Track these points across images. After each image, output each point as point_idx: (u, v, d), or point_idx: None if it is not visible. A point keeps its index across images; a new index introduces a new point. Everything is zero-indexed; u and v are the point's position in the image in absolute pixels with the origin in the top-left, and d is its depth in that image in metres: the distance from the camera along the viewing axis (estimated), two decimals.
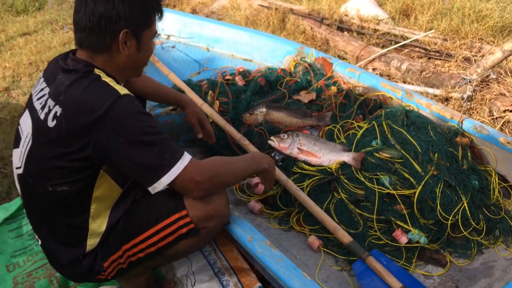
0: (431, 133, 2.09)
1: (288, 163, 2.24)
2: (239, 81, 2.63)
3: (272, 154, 2.31)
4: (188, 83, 2.68)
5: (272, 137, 2.27)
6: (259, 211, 2.17)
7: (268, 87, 2.58)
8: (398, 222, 1.93)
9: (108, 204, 1.49)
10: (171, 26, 3.21)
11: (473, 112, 2.65)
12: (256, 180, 2.15)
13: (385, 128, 2.18)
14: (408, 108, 2.25)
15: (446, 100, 2.78)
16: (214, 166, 1.45)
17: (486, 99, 2.61)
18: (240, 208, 2.22)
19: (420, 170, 1.97)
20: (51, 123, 1.31)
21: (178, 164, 1.34)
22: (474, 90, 2.67)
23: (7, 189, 2.45)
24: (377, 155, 2.07)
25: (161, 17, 1.49)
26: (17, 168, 1.45)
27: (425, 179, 1.93)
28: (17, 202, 2.15)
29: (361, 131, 2.26)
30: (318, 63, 2.75)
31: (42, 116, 1.35)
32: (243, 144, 2.23)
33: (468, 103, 2.66)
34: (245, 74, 2.69)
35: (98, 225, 1.48)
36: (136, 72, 1.53)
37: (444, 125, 2.19)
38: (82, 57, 1.41)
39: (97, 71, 1.37)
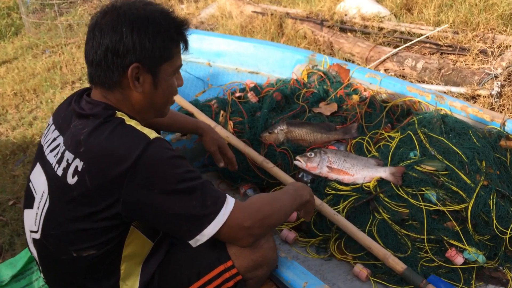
0: (474, 138, 1.96)
1: (319, 184, 2.10)
2: (252, 97, 2.48)
3: (300, 176, 2.17)
4: (195, 103, 2.53)
5: (298, 157, 2.13)
6: (294, 240, 2.03)
7: (285, 101, 2.43)
8: (452, 241, 1.79)
9: (138, 260, 1.33)
10: None
11: (502, 109, 2.54)
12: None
13: (422, 137, 2.05)
14: (442, 113, 2.12)
15: (472, 98, 2.68)
16: (261, 206, 1.30)
17: None
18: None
19: (469, 181, 1.83)
20: (71, 180, 1.15)
21: (222, 211, 1.19)
22: (502, 85, 2.57)
23: (10, 239, 2.26)
24: (418, 168, 1.94)
25: (186, 48, 1.33)
26: (32, 231, 1.28)
27: (476, 191, 1.80)
28: (24, 256, 1.97)
29: (394, 142, 2.13)
30: (333, 71, 2.61)
31: (59, 172, 1.18)
32: (266, 168, 2.09)
33: (497, 99, 2.55)
34: (257, 89, 2.54)
35: (130, 286, 1.31)
36: (158, 113, 1.36)
37: (484, 128, 2.07)
38: (97, 98, 1.25)
39: (119, 114, 1.21)
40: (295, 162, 2.13)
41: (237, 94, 2.53)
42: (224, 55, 3.02)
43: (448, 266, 1.80)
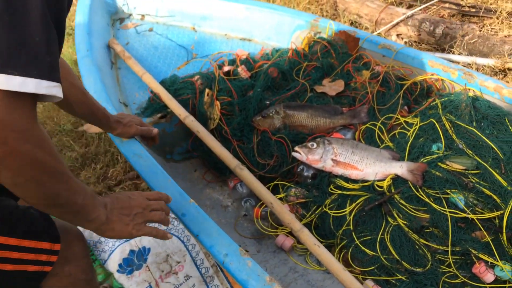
0: (511, 128, 1.67)
1: (322, 180, 1.83)
2: (243, 73, 2.17)
3: (299, 170, 1.89)
4: (174, 80, 2.22)
5: (297, 148, 1.85)
6: (291, 247, 1.78)
7: (282, 78, 2.12)
8: (481, 255, 1.54)
9: None
10: (145, 2, 2.70)
11: None
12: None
13: (447, 125, 1.76)
14: (471, 95, 1.82)
15: (502, 72, 2.37)
16: (52, 156, 0.87)
17: None
18: (265, 245, 1.82)
19: (505, 183, 1.56)
20: None
21: (22, 80, 0.77)
22: None
23: None
24: (443, 166, 1.66)
25: None
26: None
27: None
28: None
29: (412, 130, 1.84)
30: (340, 40, 2.29)
31: None
32: (239, 175, 1.74)
33: None
34: (249, 63, 2.22)
35: None
36: None
37: None
38: None
39: None
40: (294, 154, 1.85)
41: (226, 69, 2.21)
42: (212, 19, 2.68)
43: (474, 285, 1.55)
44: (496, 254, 1.53)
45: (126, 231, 1.11)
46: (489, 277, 1.54)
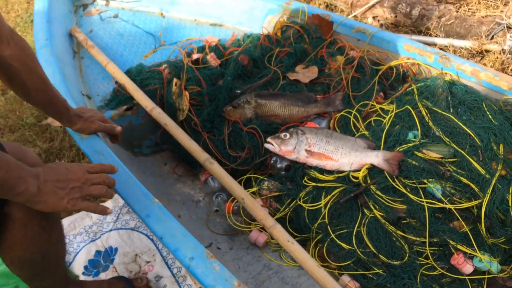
0: (489, 115, 1.62)
1: (296, 172, 1.77)
2: (212, 60, 2.07)
3: (272, 162, 1.82)
4: (141, 69, 2.11)
5: (269, 139, 1.77)
6: (265, 243, 1.71)
7: (253, 65, 2.03)
8: (459, 246, 1.50)
9: None
10: None
11: None
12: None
13: (424, 112, 1.70)
14: (448, 79, 1.77)
15: (480, 54, 2.32)
16: None
17: None
18: (238, 241, 1.75)
19: (483, 171, 1.52)
20: None
21: None
22: None
23: None
24: (420, 154, 1.61)
25: None
26: None
27: (493, 183, 1.49)
28: None
29: (388, 117, 1.78)
30: (313, 24, 2.20)
31: None
32: (209, 169, 1.66)
33: (510, 56, 2.20)
34: (219, 50, 2.12)
35: None
36: None
37: (500, 99, 1.73)
38: None
39: None
40: (266, 145, 1.78)
41: (195, 56, 2.11)
42: (181, 3, 2.58)
43: (453, 276, 1.52)
44: (474, 245, 1.50)
45: (61, 205, 1.05)
46: (467, 268, 1.50)
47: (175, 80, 2.03)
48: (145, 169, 2.06)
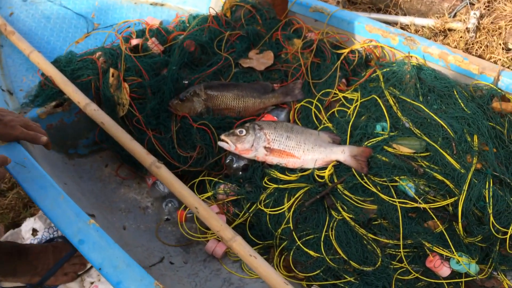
0: (461, 102, 1.51)
1: (254, 172, 1.60)
2: (154, 46, 1.84)
3: (227, 161, 1.64)
4: (71, 58, 1.85)
5: (222, 136, 1.59)
6: (224, 254, 1.54)
7: (201, 52, 1.82)
8: (435, 248, 1.39)
9: None
10: None
11: (478, 48, 2.10)
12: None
13: (391, 101, 1.57)
14: (414, 63, 1.63)
15: (443, 33, 2.21)
16: None
17: (497, 28, 2.07)
18: (194, 252, 1.58)
19: (458, 166, 1.41)
20: None
21: None
22: (480, 16, 2.11)
23: None
24: (390, 149, 1.48)
25: None
26: None
27: (469, 179, 1.38)
28: None
29: (352, 107, 1.64)
30: (266, 2, 2.00)
31: None
32: (156, 174, 1.47)
33: (473, 35, 2.10)
34: (161, 34, 1.89)
35: None
36: None
37: (470, 84, 1.62)
38: None
39: None
40: (220, 144, 1.60)
41: (134, 42, 1.87)
42: None
43: (428, 280, 1.41)
44: (451, 245, 1.39)
45: None
46: (444, 270, 1.40)
47: (112, 70, 1.79)
48: (83, 173, 1.81)
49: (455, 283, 1.43)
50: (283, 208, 1.51)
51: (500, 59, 1.97)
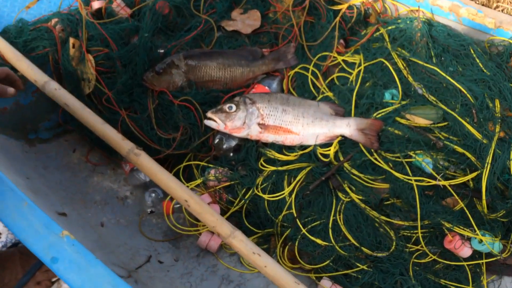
0: (479, 63, 1.34)
1: (248, 152, 1.42)
2: (121, 10, 1.58)
3: (216, 141, 1.44)
4: (22, 27, 1.58)
5: (209, 113, 1.39)
6: (219, 247, 1.37)
7: (176, 14, 1.57)
8: (455, 229, 1.26)
9: None
10: None
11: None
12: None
13: (400, 64, 1.39)
14: (423, 18, 1.44)
15: None
16: None
17: None
18: (185, 247, 1.40)
19: (480, 136, 1.26)
20: None
21: None
22: None
23: None
24: (402, 121, 1.31)
25: None
26: None
27: (492, 150, 1.23)
28: None
29: (355, 73, 1.45)
30: None
31: None
32: (135, 163, 1.25)
33: None
34: None
35: None
36: None
37: (485, 41, 1.44)
38: None
39: None
40: (207, 123, 1.40)
41: (96, 5, 1.60)
42: None
43: (447, 263, 1.29)
44: (474, 225, 1.26)
45: None
46: (465, 251, 1.28)
47: (72, 40, 1.54)
48: (48, 162, 1.58)
49: (475, 264, 1.31)
50: (283, 193, 1.34)
51: (507, 8, 1.80)
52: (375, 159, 1.31)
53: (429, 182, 1.26)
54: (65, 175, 1.57)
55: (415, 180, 1.27)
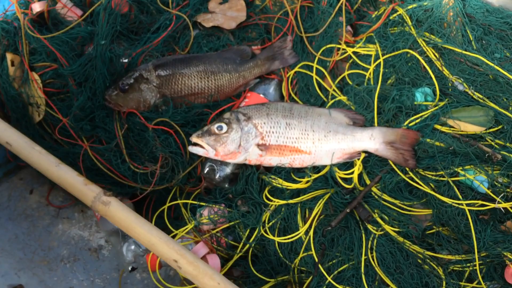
0: None
1: (248, 182, 1.14)
2: (68, 12, 1.25)
3: (206, 170, 1.15)
4: None
5: (194, 137, 1.10)
6: None
7: (138, 11, 1.26)
8: None
9: None
10: None
11: None
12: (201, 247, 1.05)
13: (431, 54, 1.10)
14: None
15: None
16: None
17: None
18: None
19: None
20: None
21: None
22: None
23: None
24: (444, 129, 1.03)
25: None
26: None
27: None
28: None
29: (372, 67, 1.16)
30: None
31: None
32: (106, 215, 1.01)
33: None
34: None
35: None
36: None
37: None
38: None
39: None
40: (191, 149, 1.11)
41: (36, 8, 1.28)
42: None
43: None
44: None
45: None
46: None
47: (10, 56, 1.22)
48: None
49: None
50: (299, 233, 1.06)
51: None
52: (411, 179, 1.04)
53: (485, 205, 0.99)
54: (22, 226, 1.27)
55: (467, 204, 1.00)
